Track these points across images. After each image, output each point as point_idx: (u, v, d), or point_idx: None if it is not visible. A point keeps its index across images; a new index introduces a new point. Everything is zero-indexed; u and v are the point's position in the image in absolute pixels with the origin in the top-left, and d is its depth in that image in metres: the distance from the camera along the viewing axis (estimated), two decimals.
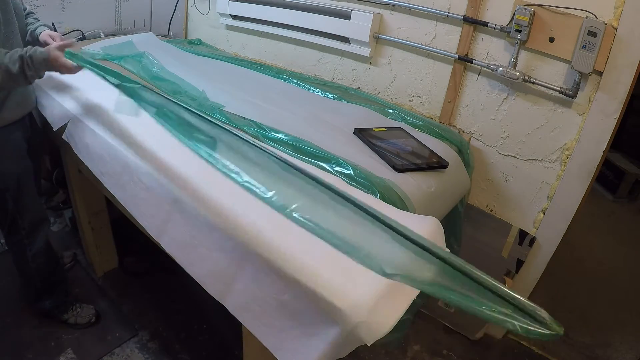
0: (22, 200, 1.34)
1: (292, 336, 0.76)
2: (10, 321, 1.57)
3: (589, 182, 1.38)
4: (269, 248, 0.80)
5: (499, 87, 1.48)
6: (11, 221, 1.37)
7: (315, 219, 0.82)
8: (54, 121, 1.29)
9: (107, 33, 2.07)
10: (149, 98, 1.28)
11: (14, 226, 1.38)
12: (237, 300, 0.84)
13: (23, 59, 1.10)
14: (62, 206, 2.06)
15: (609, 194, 3.11)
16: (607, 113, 1.29)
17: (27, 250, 1.42)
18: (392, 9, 1.63)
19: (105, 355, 1.49)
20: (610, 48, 1.22)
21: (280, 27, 1.96)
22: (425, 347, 1.69)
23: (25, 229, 1.39)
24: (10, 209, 1.34)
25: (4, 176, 1.29)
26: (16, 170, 1.31)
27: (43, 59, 1.13)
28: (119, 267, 1.88)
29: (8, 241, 1.46)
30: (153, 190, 0.99)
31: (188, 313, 1.69)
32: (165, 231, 0.97)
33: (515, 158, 1.52)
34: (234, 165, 0.98)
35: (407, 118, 1.51)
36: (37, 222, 1.42)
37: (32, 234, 1.41)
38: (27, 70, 1.11)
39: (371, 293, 0.74)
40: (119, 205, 1.13)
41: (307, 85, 1.70)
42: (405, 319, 0.78)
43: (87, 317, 1.58)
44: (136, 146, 1.08)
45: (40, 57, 1.12)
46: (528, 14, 1.29)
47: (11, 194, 1.31)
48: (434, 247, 0.76)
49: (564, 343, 1.79)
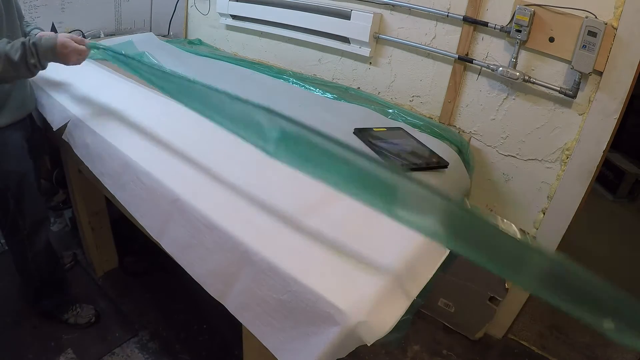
0: (23, 200, 1.33)
1: (292, 336, 0.76)
2: (10, 321, 1.57)
3: (589, 182, 1.38)
4: (269, 248, 0.80)
5: (499, 87, 1.48)
6: (12, 221, 1.36)
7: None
8: (54, 121, 1.29)
9: (107, 33, 2.07)
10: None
11: (14, 226, 1.37)
12: (237, 300, 0.84)
13: (25, 46, 1.06)
14: (62, 206, 2.06)
15: (609, 194, 3.11)
16: (607, 113, 1.29)
17: (28, 250, 1.42)
18: (392, 9, 1.63)
19: (105, 355, 1.49)
20: (610, 48, 1.22)
21: (280, 27, 1.96)
22: (425, 347, 1.69)
23: (26, 229, 1.38)
24: (12, 209, 1.33)
25: (5, 176, 1.28)
26: (18, 171, 1.30)
27: (49, 46, 1.08)
28: (119, 267, 1.88)
29: (8, 241, 1.46)
30: (153, 190, 0.99)
31: (188, 313, 1.69)
32: (165, 231, 0.97)
33: (515, 158, 1.52)
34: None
35: (407, 118, 1.51)
36: (38, 223, 1.41)
37: (32, 234, 1.40)
38: (29, 58, 1.06)
39: (371, 293, 0.74)
40: (119, 205, 1.13)
41: (307, 85, 1.70)
42: (405, 319, 0.79)
43: (87, 317, 1.58)
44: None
45: (46, 45, 1.07)
46: (528, 14, 1.29)
47: (12, 194, 1.31)
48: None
49: (564, 343, 1.79)
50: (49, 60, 1.11)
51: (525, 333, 1.81)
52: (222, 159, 1.07)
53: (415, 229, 0.71)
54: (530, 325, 1.85)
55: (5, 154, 1.26)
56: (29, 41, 1.06)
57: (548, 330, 1.84)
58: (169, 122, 1.24)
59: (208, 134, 1.17)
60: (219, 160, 1.07)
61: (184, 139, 1.15)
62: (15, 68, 1.06)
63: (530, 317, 1.86)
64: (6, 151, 1.26)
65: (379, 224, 0.90)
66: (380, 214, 0.91)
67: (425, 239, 0.90)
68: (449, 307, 1.75)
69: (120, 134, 1.16)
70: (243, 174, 1.01)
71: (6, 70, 1.06)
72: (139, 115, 1.25)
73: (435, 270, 0.91)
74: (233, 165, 1.05)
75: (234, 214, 0.89)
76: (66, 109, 1.28)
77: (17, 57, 1.05)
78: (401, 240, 0.87)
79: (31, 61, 1.07)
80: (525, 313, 1.73)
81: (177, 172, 1.01)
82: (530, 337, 1.80)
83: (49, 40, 1.08)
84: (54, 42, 1.09)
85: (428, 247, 0.90)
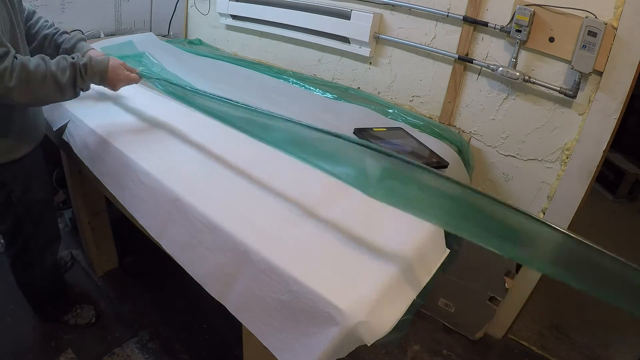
0: (40, 223, 1.28)
1: (292, 336, 0.76)
2: (10, 321, 1.57)
3: (589, 182, 1.38)
4: (269, 248, 0.80)
5: (499, 87, 1.48)
6: (24, 243, 1.29)
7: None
8: (54, 121, 1.29)
9: (107, 33, 2.07)
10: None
11: (25, 247, 1.31)
12: (237, 300, 0.84)
13: (76, 67, 0.94)
14: (62, 206, 2.06)
15: (609, 194, 3.11)
16: (607, 113, 1.29)
17: (37, 268, 1.37)
18: (392, 9, 1.63)
19: (105, 355, 1.49)
20: (610, 48, 1.22)
21: (280, 27, 1.96)
22: (425, 347, 1.69)
23: (37, 249, 1.33)
24: (28, 232, 1.27)
25: (30, 205, 1.21)
26: (43, 197, 1.25)
27: (100, 69, 0.99)
28: (119, 267, 1.88)
29: (16, 261, 1.36)
30: (153, 190, 0.99)
31: (188, 313, 1.68)
32: (165, 231, 0.97)
33: (515, 158, 1.52)
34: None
35: (407, 118, 1.51)
36: (50, 242, 1.37)
37: (43, 254, 1.36)
38: (78, 81, 0.95)
39: (371, 293, 0.74)
40: (119, 205, 1.13)
41: (307, 85, 1.70)
42: (405, 319, 0.79)
43: (87, 318, 1.57)
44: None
45: (98, 68, 0.99)
46: (528, 14, 1.29)
47: (32, 220, 1.25)
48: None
49: (564, 343, 1.79)
50: (95, 83, 1.04)
51: (525, 333, 1.81)
52: (222, 159, 1.07)
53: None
54: (530, 325, 1.85)
55: (29, 183, 1.19)
56: (79, 61, 0.97)
57: (548, 330, 1.84)
58: (169, 122, 1.24)
59: (208, 134, 1.17)
60: (219, 160, 1.07)
61: (184, 139, 1.15)
62: (61, 90, 0.96)
63: (530, 317, 1.86)
64: (30, 180, 1.18)
65: (379, 224, 0.91)
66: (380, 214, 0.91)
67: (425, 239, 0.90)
68: (449, 307, 1.75)
69: (121, 134, 1.16)
70: (243, 174, 1.02)
71: (51, 93, 0.94)
72: (139, 115, 1.25)
73: (435, 270, 0.91)
74: (233, 165, 1.05)
75: (234, 214, 0.89)
76: (66, 109, 1.28)
77: (66, 80, 0.95)
78: (401, 241, 0.87)
79: (79, 83, 0.97)
80: (525, 313, 1.73)
81: (177, 172, 1.01)
82: (530, 337, 1.80)
83: (100, 64, 1.00)
84: (105, 66, 1.00)
85: (428, 247, 0.90)
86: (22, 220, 1.24)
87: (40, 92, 0.93)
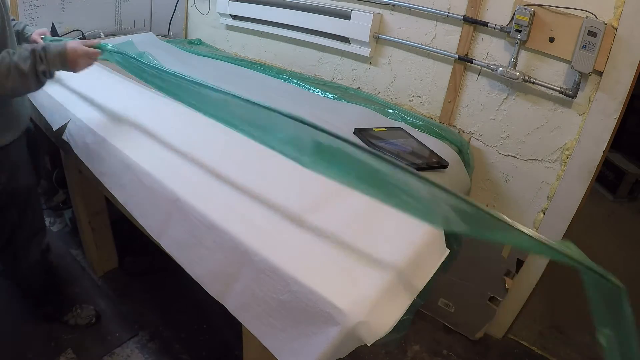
0: (26, 213, 1.30)
1: (292, 336, 0.76)
2: (10, 321, 1.57)
3: (589, 182, 1.38)
4: (269, 248, 0.80)
5: (499, 87, 1.48)
6: (10, 233, 1.30)
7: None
8: (54, 121, 1.29)
9: (107, 33, 2.07)
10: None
11: (11, 238, 1.31)
12: (237, 300, 0.84)
13: (35, 53, 0.98)
14: (62, 206, 2.06)
15: (609, 194, 3.11)
16: (607, 113, 1.29)
17: (23, 261, 1.37)
18: (392, 9, 1.63)
19: (105, 355, 1.49)
20: (610, 48, 1.22)
21: (280, 27, 1.96)
22: (425, 347, 1.69)
23: (22, 240, 1.33)
24: (13, 221, 1.28)
25: (14, 193, 1.22)
26: (26, 185, 1.26)
27: (58, 51, 1.02)
28: (119, 267, 1.88)
29: (1, 251, 1.36)
30: (153, 191, 0.99)
31: (188, 313, 1.68)
32: (165, 231, 0.97)
33: (515, 158, 1.52)
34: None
35: (407, 118, 1.51)
36: (34, 234, 1.37)
37: (28, 245, 1.36)
38: (38, 65, 0.98)
39: (371, 293, 0.74)
40: (119, 205, 1.13)
41: (307, 85, 1.70)
42: (405, 319, 0.79)
43: (87, 318, 1.57)
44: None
45: (55, 50, 1.01)
46: (528, 14, 1.29)
47: (17, 209, 1.27)
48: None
49: (564, 343, 1.79)
50: (57, 67, 1.05)
51: (525, 333, 1.81)
52: (222, 159, 1.07)
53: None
54: (530, 325, 1.85)
55: (14, 171, 1.21)
56: (37, 47, 0.99)
57: (548, 330, 1.84)
58: (169, 122, 1.24)
59: (208, 134, 1.17)
60: (219, 160, 1.07)
61: (184, 139, 1.15)
62: (26, 79, 0.99)
63: (530, 317, 1.86)
64: (14, 168, 1.21)
65: (379, 224, 0.91)
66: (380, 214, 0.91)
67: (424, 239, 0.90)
68: (449, 307, 1.75)
69: (120, 134, 1.16)
70: (243, 174, 1.02)
71: (17, 83, 0.98)
72: (139, 115, 1.25)
73: (435, 270, 0.91)
74: (233, 165, 1.05)
75: (234, 214, 0.89)
76: (66, 109, 1.28)
77: (28, 68, 0.98)
78: (401, 241, 0.87)
79: (40, 68, 1.00)
80: (525, 313, 1.73)
81: (177, 172, 1.01)
82: (530, 337, 1.80)
83: (59, 45, 1.03)
84: (63, 44, 1.03)
85: (428, 247, 0.90)
86: (7, 209, 1.25)
87: (7, 84, 0.98)
